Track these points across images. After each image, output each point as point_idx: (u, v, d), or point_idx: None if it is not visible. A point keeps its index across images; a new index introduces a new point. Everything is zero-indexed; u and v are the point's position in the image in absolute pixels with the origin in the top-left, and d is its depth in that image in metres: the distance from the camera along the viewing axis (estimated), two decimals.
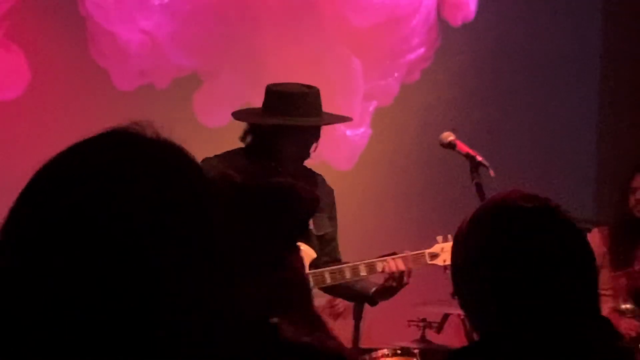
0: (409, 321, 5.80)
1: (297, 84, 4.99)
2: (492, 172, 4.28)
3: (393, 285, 4.82)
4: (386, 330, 6.07)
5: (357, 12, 6.89)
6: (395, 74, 7.06)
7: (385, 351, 5.16)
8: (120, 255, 1.23)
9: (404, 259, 4.78)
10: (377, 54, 7.00)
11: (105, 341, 1.22)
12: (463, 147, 4.42)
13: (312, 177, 5.02)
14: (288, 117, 4.77)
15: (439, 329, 5.91)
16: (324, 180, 5.07)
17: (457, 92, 7.39)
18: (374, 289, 4.89)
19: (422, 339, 5.67)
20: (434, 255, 4.93)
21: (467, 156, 4.37)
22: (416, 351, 5.23)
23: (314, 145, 4.85)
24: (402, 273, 4.77)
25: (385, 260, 4.80)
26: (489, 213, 2.28)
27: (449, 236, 4.98)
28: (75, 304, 1.21)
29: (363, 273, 4.81)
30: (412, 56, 7.06)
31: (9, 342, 1.22)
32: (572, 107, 7.56)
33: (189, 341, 1.26)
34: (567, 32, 7.53)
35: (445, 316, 5.92)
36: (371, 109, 7.03)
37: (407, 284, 4.83)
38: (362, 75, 6.89)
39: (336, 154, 6.52)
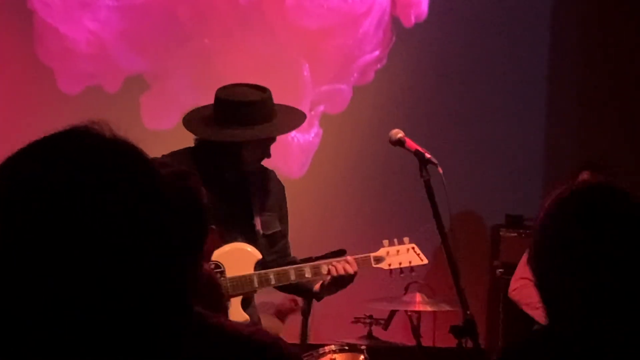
0: (356, 318, 5.81)
1: (247, 86, 4.96)
2: (440, 169, 4.29)
3: (336, 286, 4.85)
4: (334, 326, 6.09)
5: (308, 14, 6.87)
6: (349, 78, 7.06)
7: (333, 347, 5.17)
8: (118, 254, 1.22)
9: (349, 262, 4.80)
10: (329, 57, 7.00)
11: (105, 341, 1.21)
12: (412, 145, 4.43)
13: (264, 173, 5.01)
14: (245, 129, 4.75)
15: (386, 325, 5.92)
16: (275, 176, 5.07)
17: (410, 92, 7.41)
18: (318, 286, 4.91)
19: (369, 336, 5.69)
20: (379, 259, 4.96)
21: (416, 153, 4.37)
22: (363, 347, 5.23)
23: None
24: (346, 276, 4.79)
25: (330, 263, 4.81)
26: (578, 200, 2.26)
27: (395, 240, 5.02)
28: (75, 304, 1.20)
29: (308, 275, 4.82)
30: (366, 59, 7.07)
31: (8, 342, 1.21)
32: (521, 106, 7.61)
33: (188, 339, 1.26)
34: (517, 31, 7.57)
35: (392, 313, 5.94)
36: (320, 111, 7.02)
37: (350, 283, 4.86)
38: (312, 79, 6.88)
39: (287, 161, 6.51)
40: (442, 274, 4.86)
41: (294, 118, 5.08)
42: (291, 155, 6.77)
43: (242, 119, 4.77)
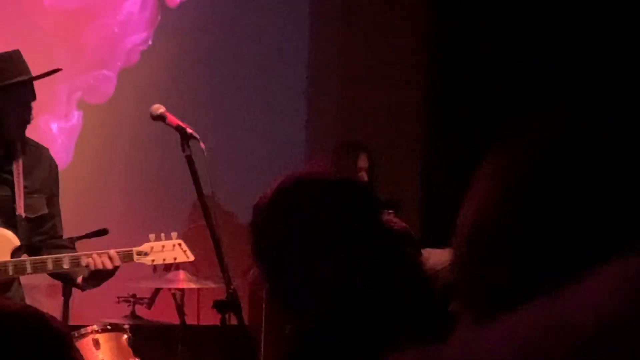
0: (119, 297, 5.76)
1: None
2: (202, 145, 4.31)
3: (97, 279, 4.78)
4: (96, 306, 5.99)
5: None
6: (115, 63, 6.91)
7: (95, 327, 5.10)
8: None
9: (110, 256, 4.72)
10: (91, 41, 6.83)
11: None
12: (173, 120, 4.42)
13: (37, 150, 4.91)
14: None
15: (150, 304, 5.90)
16: (48, 153, 4.97)
17: (175, 71, 7.33)
18: (81, 279, 4.83)
19: (133, 315, 5.65)
20: (143, 254, 4.90)
21: (178, 128, 4.38)
22: (126, 327, 5.19)
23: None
24: (107, 270, 4.72)
25: (90, 255, 4.72)
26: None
27: (162, 235, 4.97)
28: None
29: (66, 266, 4.72)
30: (131, 41, 6.94)
31: None
32: (283, 83, 7.68)
33: None
34: (279, 12, 7.63)
35: (156, 291, 5.92)
36: (78, 96, 6.85)
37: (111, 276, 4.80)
38: (72, 66, 6.69)
39: (51, 149, 6.34)
40: (206, 251, 4.86)
41: (48, 71, 4.98)
42: (53, 143, 6.60)
43: None
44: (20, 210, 4.77)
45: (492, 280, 1.02)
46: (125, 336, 5.11)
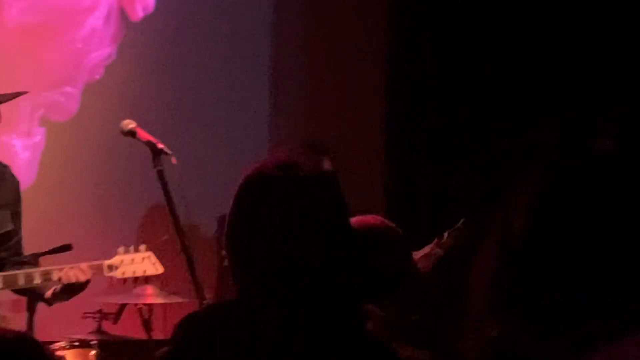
0: (85, 313, 5.74)
1: None
2: (174, 160, 4.33)
3: (68, 293, 4.78)
4: (62, 322, 5.96)
5: (25, 11, 6.63)
6: (78, 80, 6.86)
7: (62, 344, 5.09)
8: None
9: (81, 269, 4.73)
10: (54, 57, 6.79)
11: None
12: (144, 135, 4.44)
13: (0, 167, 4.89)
14: None
15: (116, 319, 5.88)
16: (9, 170, 4.95)
17: (142, 86, 7.30)
18: (50, 293, 4.83)
19: (99, 331, 5.63)
20: (113, 267, 4.91)
21: (148, 143, 4.40)
22: (93, 343, 5.18)
23: None
24: (79, 283, 4.73)
25: (62, 269, 4.72)
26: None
27: (131, 248, 4.98)
28: None
29: (37, 281, 4.72)
30: (96, 56, 6.90)
31: None
32: (245, 96, 7.68)
33: None
34: (240, 21, 7.63)
35: (122, 307, 5.90)
36: (40, 114, 6.80)
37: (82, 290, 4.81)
38: (34, 83, 6.63)
39: (14, 168, 6.29)
40: (173, 265, 4.87)
41: (6, 96, 4.97)
42: (16, 160, 6.55)
43: None
44: None
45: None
46: (93, 352, 5.09)
